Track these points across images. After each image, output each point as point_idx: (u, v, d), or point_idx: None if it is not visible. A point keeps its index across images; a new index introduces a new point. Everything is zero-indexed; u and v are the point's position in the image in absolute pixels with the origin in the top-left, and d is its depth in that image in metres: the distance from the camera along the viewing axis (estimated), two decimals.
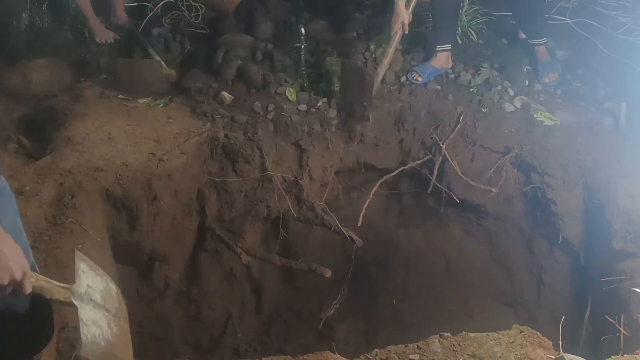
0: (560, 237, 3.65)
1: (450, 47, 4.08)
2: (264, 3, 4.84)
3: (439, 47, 4.07)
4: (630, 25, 4.38)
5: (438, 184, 3.95)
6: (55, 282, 1.72)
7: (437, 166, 3.89)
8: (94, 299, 1.82)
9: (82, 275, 1.81)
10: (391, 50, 3.90)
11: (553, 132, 3.64)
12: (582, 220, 3.57)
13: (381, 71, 3.94)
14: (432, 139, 3.89)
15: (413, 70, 4.09)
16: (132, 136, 3.44)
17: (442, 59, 4.10)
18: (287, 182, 3.70)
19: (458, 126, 3.79)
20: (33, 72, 3.90)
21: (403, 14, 3.80)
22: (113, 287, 1.98)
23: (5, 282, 1.52)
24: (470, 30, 4.42)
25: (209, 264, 3.82)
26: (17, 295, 1.60)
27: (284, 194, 3.64)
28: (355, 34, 4.69)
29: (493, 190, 3.76)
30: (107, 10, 4.74)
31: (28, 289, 1.59)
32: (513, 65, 4.13)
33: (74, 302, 1.73)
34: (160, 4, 4.69)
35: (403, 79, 4.13)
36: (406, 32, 3.89)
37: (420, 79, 4.06)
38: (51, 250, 2.66)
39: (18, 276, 1.54)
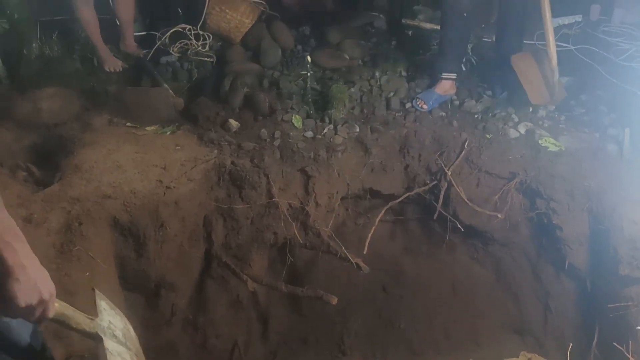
0: (567, 263, 3.64)
1: (455, 76, 4.13)
2: (271, 32, 4.90)
3: (445, 75, 4.11)
4: (632, 51, 4.44)
5: (443, 211, 3.95)
6: (80, 312, 1.70)
7: (442, 192, 3.90)
8: (116, 335, 1.82)
9: (103, 311, 1.81)
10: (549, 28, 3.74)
11: (558, 158, 3.65)
12: (588, 246, 3.56)
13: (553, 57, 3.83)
14: (437, 165, 3.90)
15: (418, 97, 4.14)
16: (139, 164, 3.47)
17: (447, 86, 4.14)
18: (293, 209, 3.72)
19: (463, 152, 3.81)
20: (43, 101, 3.94)
21: None
22: (131, 329, 1.98)
23: (34, 301, 1.45)
24: (473, 57, 4.47)
25: (216, 291, 3.83)
26: (42, 319, 1.54)
27: (290, 220, 3.66)
28: (360, 62, 4.76)
29: (499, 216, 3.76)
30: (117, 39, 4.82)
31: (52, 313, 1.54)
32: (517, 92, 4.16)
33: (99, 333, 1.71)
34: (169, 33, 4.77)
35: (408, 105, 4.17)
36: None
37: (425, 106, 4.10)
38: (60, 278, 2.67)
39: (46, 296, 1.48)
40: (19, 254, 1.44)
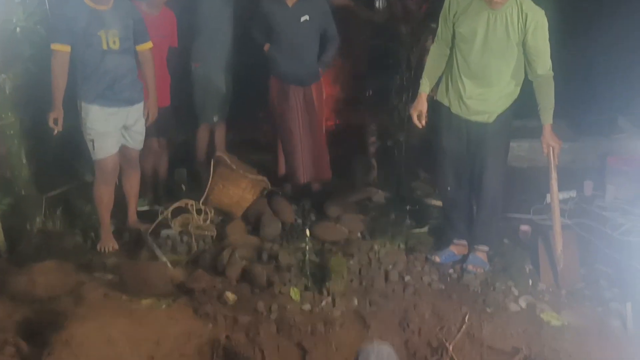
0: None
1: (465, 242, 4.43)
2: (272, 206, 5.04)
3: (455, 241, 4.41)
4: (628, 226, 4.52)
5: None
6: None
7: None
8: None
9: None
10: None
11: (561, 334, 3.56)
12: None
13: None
14: (438, 339, 3.79)
15: (434, 254, 4.40)
16: (131, 338, 3.37)
17: (459, 248, 4.41)
18: None
19: (464, 326, 3.73)
20: (39, 275, 3.91)
21: (422, 104, 4.10)
22: None
23: None
24: None
25: None
26: None
27: None
28: (359, 235, 4.82)
29: None
30: (119, 214, 4.92)
31: None
32: (516, 265, 4.20)
33: None
34: (171, 208, 4.87)
35: (407, 278, 4.15)
36: (420, 125, 4.16)
37: (438, 259, 4.33)
38: None
39: None
40: None
